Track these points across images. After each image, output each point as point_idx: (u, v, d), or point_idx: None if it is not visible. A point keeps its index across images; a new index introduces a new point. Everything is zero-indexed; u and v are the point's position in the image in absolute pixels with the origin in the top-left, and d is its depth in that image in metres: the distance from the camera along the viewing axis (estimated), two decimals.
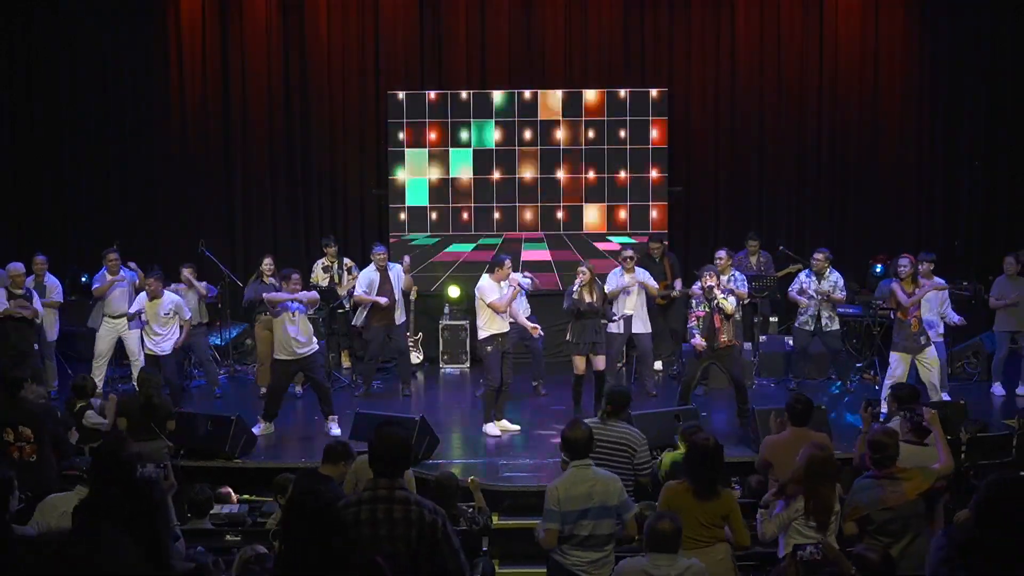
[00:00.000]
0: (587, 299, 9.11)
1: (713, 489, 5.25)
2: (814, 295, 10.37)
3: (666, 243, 11.61)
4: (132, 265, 10.78)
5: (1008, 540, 3.01)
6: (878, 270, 11.81)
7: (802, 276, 10.59)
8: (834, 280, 10.42)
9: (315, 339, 9.25)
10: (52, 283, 10.57)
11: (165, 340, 9.61)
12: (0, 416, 6.92)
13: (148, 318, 9.58)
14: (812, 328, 10.43)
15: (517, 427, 9.24)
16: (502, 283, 9.10)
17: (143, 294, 9.71)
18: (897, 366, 9.11)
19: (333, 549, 3.47)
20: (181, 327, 9.72)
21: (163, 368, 9.39)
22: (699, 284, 9.00)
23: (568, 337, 9.33)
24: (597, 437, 6.00)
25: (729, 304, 8.78)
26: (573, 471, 5.29)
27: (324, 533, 3.47)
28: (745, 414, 8.75)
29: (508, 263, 9.22)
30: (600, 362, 9.26)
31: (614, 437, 6.28)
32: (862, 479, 5.33)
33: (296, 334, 8.92)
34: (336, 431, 8.98)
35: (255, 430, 8.91)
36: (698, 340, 8.86)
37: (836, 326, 10.52)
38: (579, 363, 9.25)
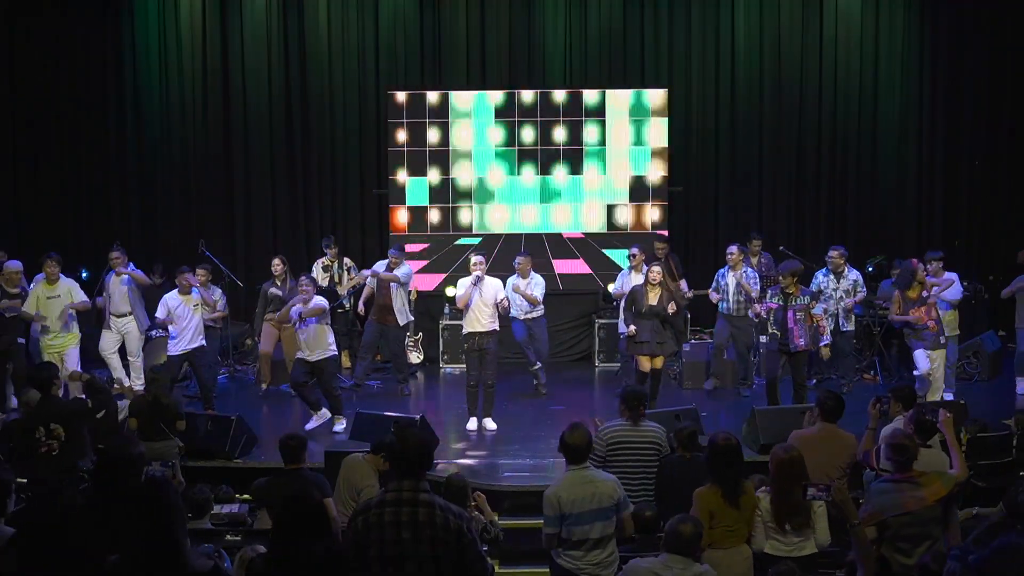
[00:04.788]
0: (650, 301, 9.13)
1: (739, 488, 5.27)
2: (833, 295, 10.31)
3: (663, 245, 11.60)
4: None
5: None
6: (870, 269, 11.80)
7: (819, 275, 10.49)
8: (853, 279, 10.37)
9: (330, 347, 9.26)
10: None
11: (198, 334, 9.71)
12: (35, 414, 6.98)
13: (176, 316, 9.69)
14: (833, 327, 10.37)
15: (473, 428, 9.29)
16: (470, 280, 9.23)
17: (170, 303, 9.68)
18: (922, 361, 9.05)
19: (322, 551, 3.45)
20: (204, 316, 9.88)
21: (198, 364, 9.71)
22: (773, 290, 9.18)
23: (633, 337, 9.32)
24: (630, 440, 6.06)
25: (818, 312, 9.00)
26: (572, 474, 5.27)
27: (313, 535, 3.46)
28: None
29: (474, 259, 9.28)
30: (658, 361, 9.27)
31: (647, 438, 6.35)
32: (879, 483, 5.20)
33: (304, 340, 9.16)
34: (338, 428, 9.18)
35: (337, 428, 9.17)
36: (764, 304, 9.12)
37: (851, 327, 10.48)
38: (643, 363, 9.25)
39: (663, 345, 9.20)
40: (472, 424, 9.30)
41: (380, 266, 10.72)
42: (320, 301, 9.25)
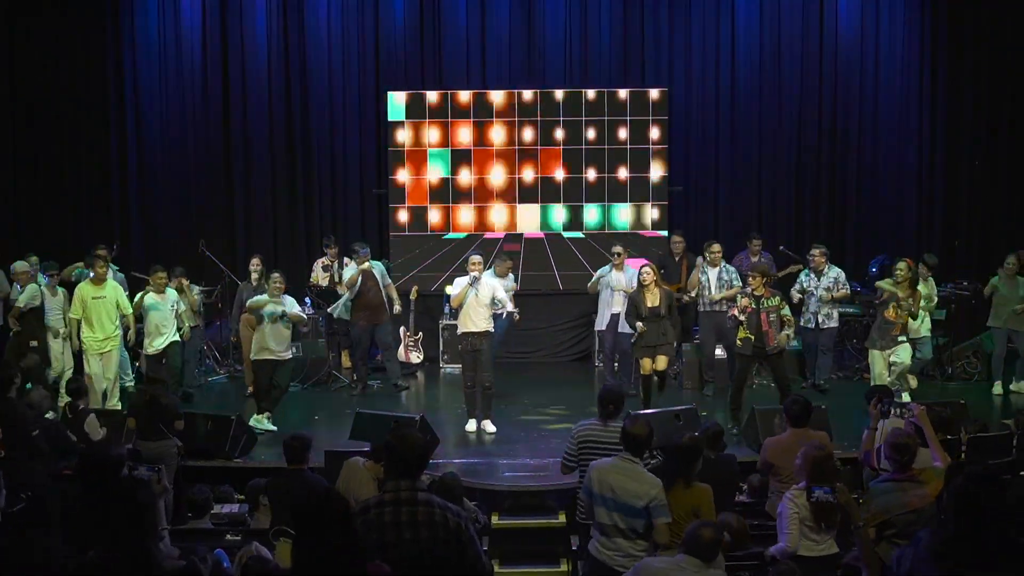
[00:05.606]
0: (649, 303, 9.09)
1: (672, 485, 5.26)
2: (815, 292, 10.36)
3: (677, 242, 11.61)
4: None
5: (984, 535, 2.94)
6: (874, 271, 11.81)
7: (802, 276, 10.59)
8: (834, 276, 10.40)
9: (290, 348, 9.51)
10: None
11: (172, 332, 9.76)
12: None
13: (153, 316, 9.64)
14: (813, 326, 10.42)
15: (473, 429, 9.27)
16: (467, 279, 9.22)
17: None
18: (875, 364, 9.22)
19: (348, 550, 3.44)
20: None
21: (172, 353, 9.66)
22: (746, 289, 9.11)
23: (632, 339, 9.34)
24: (596, 439, 6.02)
25: (787, 312, 8.95)
26: (617, 460, 5.30)
27: (339, 534, 3.45)
28: None
29: (473, 259, 9.26)
30: (661, 363, 9.18)
31: (614, 438, 6.30)
32: (879, 482, 5.20)
33: (269, 338, 9.31)
34: (267, 425, 9.28)
35: (266, 425, 9.18)
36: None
37: (833, 324, 10.50)
38: (644, 364, 9.22)
39: (664, 346, 9.16)
40: (471, 425, 9.30)
41: (347, 271, 10.67)
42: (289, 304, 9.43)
